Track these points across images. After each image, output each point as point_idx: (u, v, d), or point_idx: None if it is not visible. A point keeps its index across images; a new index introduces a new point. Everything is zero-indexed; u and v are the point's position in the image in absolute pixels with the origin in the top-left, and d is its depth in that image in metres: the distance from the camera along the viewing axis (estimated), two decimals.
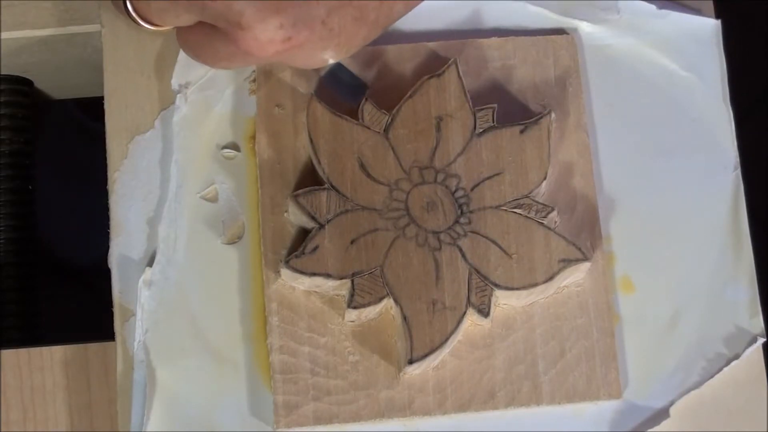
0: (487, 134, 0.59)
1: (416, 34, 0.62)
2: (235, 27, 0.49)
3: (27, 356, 0.60)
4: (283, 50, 0.50)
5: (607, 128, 0.62)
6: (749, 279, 0.60)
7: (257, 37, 0.49)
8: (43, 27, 0.64)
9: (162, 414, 0.57)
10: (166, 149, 0.61)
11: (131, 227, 0.60)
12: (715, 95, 0.62)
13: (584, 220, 0.59)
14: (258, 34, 0.49)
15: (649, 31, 0.63)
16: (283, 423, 0.56)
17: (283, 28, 0.49)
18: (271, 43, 0.49)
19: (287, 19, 0.49)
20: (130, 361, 0.58)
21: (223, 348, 0.58)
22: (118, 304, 0.59)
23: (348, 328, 0.57)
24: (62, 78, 0.71)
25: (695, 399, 0.58)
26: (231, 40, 0.50)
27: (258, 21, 0.48)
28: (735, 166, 0.62)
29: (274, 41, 0.49)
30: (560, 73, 0.61)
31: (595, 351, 0.57)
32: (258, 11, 0.48)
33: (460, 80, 0.59)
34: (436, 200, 0.57)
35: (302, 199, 0.57)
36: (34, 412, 0.59)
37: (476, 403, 0.57)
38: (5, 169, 0.70)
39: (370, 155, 0.58)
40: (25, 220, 0.71)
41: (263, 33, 0.49)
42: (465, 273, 0.56)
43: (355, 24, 0.50)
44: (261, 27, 0.49)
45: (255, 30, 0.49)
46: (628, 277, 0.60)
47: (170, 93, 0.61)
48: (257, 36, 0.49)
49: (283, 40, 0.49)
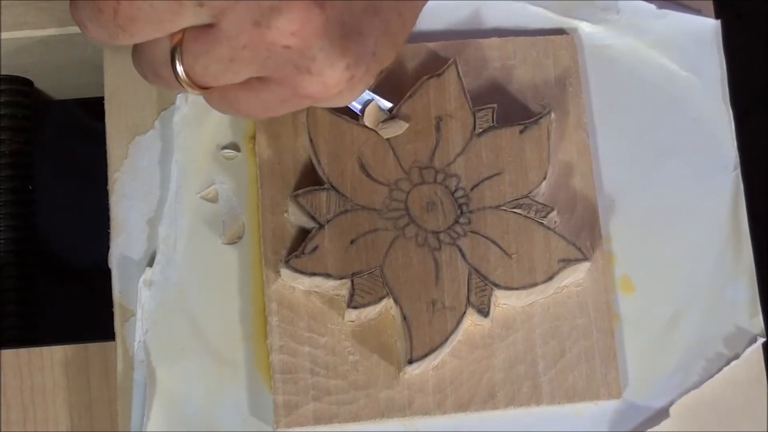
0: (486, 134, 0.59)
1: (416, 34, 0.62)
2: (303, 73, 0.46)
3: (27, 356, 0.60)
4: (344, 90, 0.48)
5: (607, 128, 0.62)
6: (749, 279, 0.60)
7: (326, 82, 0.46)
8: (43, 27, 0.64)
9: (162, 414, 0.57)
10: (167, 149, 0.61)
11: (131, 227, 0.60)
12: (715, 95, 0.62)
13: (584, 220, 0.59)
14: (327, 79, 0.46)
15: (649, 31, 0.63)
16: (283, 423, 0.56)
17: (348, 68, 0.46)
18: (337, 86, 0.47)
19: (351, 59, 0.46)
20: (130, 361, 0.58)
21: (223, 348, 0.58)
22: (118, 304, 0.59)
23: (348, 328, 0.57)
24: (62, 78, 0.71)
25: (695, 399, 0.58)
26: (290, 87, 0.47)
27: (329, 66, 0.46)
28: (735, 166, 0.62)
29: (340, 83, 0.47)
30: (560, 73, 0.61)
31: (595, 351, 0.57)
32: (328, 55, 0.45)
33: (460, 80, 0.59)
34: (435, 200, 0.57)
35: (302, 199, 0.57)
36: (34, 412, 0.59)
37: (476, 403, 0.57)
38: (5, 169, 0.70)
39: (370, 155, 0.58)
40: (25, 220, 0.71)
41: (332, 77, 0.46)
42: (465, 273, 0.56)
43: (389, 50, 0.48)
44: (330, 71, 0.46)
45: (324, 75, 0.46)
46: (627, 277, 0.60)
47: (170, 93, 0.61)
48: (326, 81, 0.46)
49: (347, 80, 0.47)
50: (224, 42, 0.45)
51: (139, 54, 0.48)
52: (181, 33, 0.46)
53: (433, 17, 0.63)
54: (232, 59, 0.45)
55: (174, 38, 0.46)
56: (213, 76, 0.46)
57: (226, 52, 0.45)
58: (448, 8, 0.63)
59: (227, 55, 0.45)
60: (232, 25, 0.44)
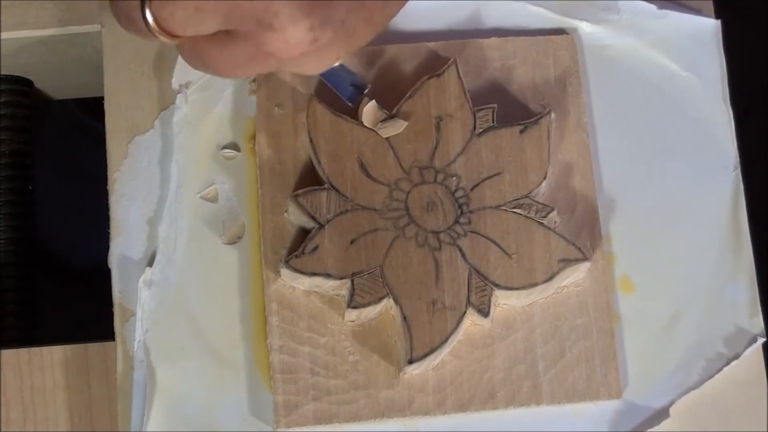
0: (487, 134, 0.59)
1: (416, 34, 0.62)
2: (265, 29, 0.47)
3: (27, 356, 0.60)
4: (307, 52, 0.49)
5: (607, 128, 0.62)
6: (749, 279, 0.60)
7: (287, 39, 0.48)
8: (43, 27, 0.64)
9: (162, 414, 0.57)
10: (166, 149, 0.61)
11: (131, 227, 0.60)
12: (715, 95, 0.62)
13: (584, 220, 0.59)
14: (288, 36, 0.47)
15: (649, 31, 0.63)
16: (283, 423, 0.56)
17: (312, 29, 0.48)
18: (299, 45, 0.48)
19: (316, 20, 0.48)
20: (130, 361, 0.58)
21: (223, 348, 0.58)
22: (118, 304, 0.59)
23: (348, 328, 0.57)
24: (62, 78, 0.71)
25: (695, 399, 0.58)
26: (254, 43, 0.48)
27: (291, 22, 0.47)
28: (735, 166, 0.62)
29: (302, 43, 0.48)
30: (560, 73, 0.61)
31: (595, 351, 0.57)
32: (291, 12, 0.47)
33: (460, 80, 0.59)
34: (435, 200, 0.57)
35: (302, 199, 0.57)
36: (34, 412, 0.59)
37: (476, 403, 0.57)
38: (5, 169, 0.70)
39: (370, 155, 0.58)
40: (25, 220, 0.71)
41: (294, 35, 0.47)
42: (465, 273, 0.56)
43: (365, 25, 0.50)
44: (292, 29, 0.47)
45: (286, 32, 0.47)
46: (627, 277, 0.60)
47: (170, 93, 0.61)
48: (287, 38, 0.48)
49: (310, 42, 0.48)
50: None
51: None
52: None
53: (433, 17, 0.63)
54: (197, 8, 0.47)
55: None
56: (180, 24, 0.48)
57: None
58: (448, 8, 0.63)
59: (192, 3, 0.47)
60: None
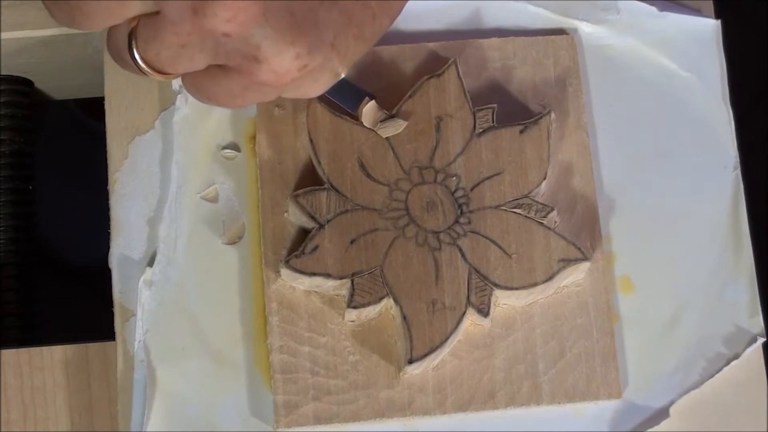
0: (487, 134, 0.59)
1: (416, 34, 0.62)
2: (251, 61, 0.47)
3: (27, 356, 0.60)
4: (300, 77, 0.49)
5: (607, 128, 0.62)
6: (749, 279, 0.60)
7: (275, 70, 0.47)
8: (43, 27, 0.64)
9: (162, 414, 0.57)
10: (167, 149, 0.61)
11: (131, 227, 0.60)
12: (715, 95, 0.62)
13: (584, 220, 0.59)
14: (275, 67, 0.47)
15: (649, 31, 0.63)
16: (283, 423, 0.56)
17: (299, 57, 0.47)
18: (288, 73, 0.48)
19: (303, 48, 0.47)
20: (131, 361, 0.58)
21: (223, 348, 0.58)
22: (119, 304, 0.59)
23: (348, 328, 0.57)
24: (62, 78, 0.71)
25: (695, 399, 0.58)
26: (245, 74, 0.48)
27: (275, 53, 0.47)
28: (735, 166, 0.62)
29: (292, 71, 0.48)
30: (560, 73, 0.61)
31: (595, 351, 0.58)
32: (274, 43, 0.47)
33: (460, 80, 0.59)
34: (435, 200, 0.58)
35: (302, 199, 0.57)
36: (34, 412, 0.59)
37: (476, 403, 0.57)
38: (5, 169, 0.70)
39: (370, 155, 0.58)
40: (25, 220, 0.71)
41: (281, 65, 0.47)
42: (465, 273, 0.56)
43: (357, 42, 0.50)
44: (278, 59, 0.47)
45: (272, 62, 0.47)
46: (627, 277, 0.60)
47: (170, 93, 0.61)
48: (274, 68, 0.47)
49: (299, 69, 0.48)
50: (169, 28, 0.46)
51: (108, 38, 0.50)
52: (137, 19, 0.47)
53: (433, 17, 0.63)
54: (182, 45, 0.47)
55: (131, 24, 0.47)
56: (168, 62, 0.48)
57: (174, 39, 0.46)
58: (448, 8, 0.63)
59: (176, 42, 0.46)
60: (174, 12, 0.46)
